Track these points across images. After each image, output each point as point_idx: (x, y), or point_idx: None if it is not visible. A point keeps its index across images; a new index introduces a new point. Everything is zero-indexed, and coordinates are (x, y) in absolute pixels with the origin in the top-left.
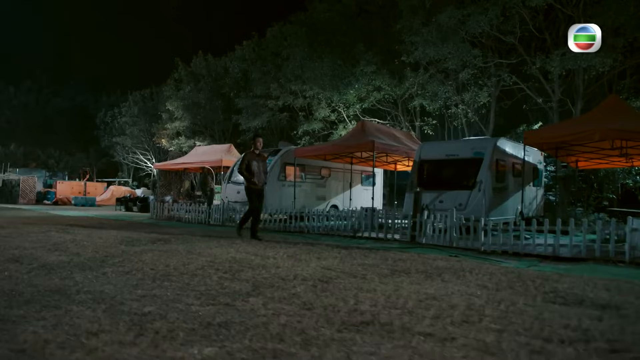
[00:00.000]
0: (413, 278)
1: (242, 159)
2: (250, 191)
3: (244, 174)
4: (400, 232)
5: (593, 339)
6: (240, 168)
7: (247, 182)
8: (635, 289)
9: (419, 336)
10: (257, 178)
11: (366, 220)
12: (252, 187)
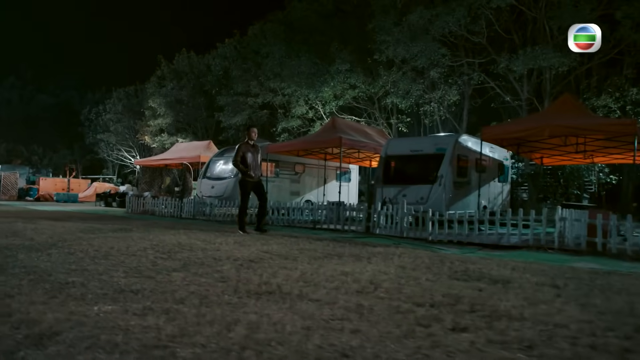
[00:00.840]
0: (341, 260)
1: (237, 150)
2: (244, 184)
3: (239, 166)
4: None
5: (459, 303)
6: (234, 160)
7: (242, 175)
8: (536, 268)
9: (307, 301)
10: (253, 170)
11: (331, 214)
12: (247, 180)
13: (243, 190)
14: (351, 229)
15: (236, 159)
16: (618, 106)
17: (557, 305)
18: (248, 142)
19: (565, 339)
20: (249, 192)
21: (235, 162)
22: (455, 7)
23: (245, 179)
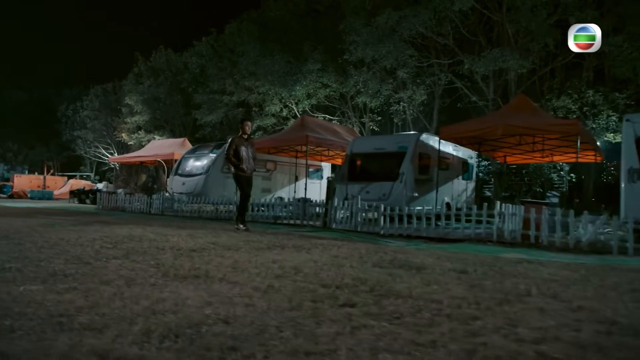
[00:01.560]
0: (282, 251)
1: (230, 144)
2: (239, 178)
3: (232, 160)
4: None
5: (363, 285)
6: (227, 154)
7: (236, 169)
8: (460, 257)
9: (225, 283)
10: (246, 165)
11: (296, 210)
12: (240, 175)
13: (240, 185)
14: (310, 223)
15: (229, 152)
16: (576, 107)
17: (449, 286)
18: (242, 135)
19: (431, 311)
20: (245, 184)
21: (227, 155)
22: (421, 10)
23: (238, 173)
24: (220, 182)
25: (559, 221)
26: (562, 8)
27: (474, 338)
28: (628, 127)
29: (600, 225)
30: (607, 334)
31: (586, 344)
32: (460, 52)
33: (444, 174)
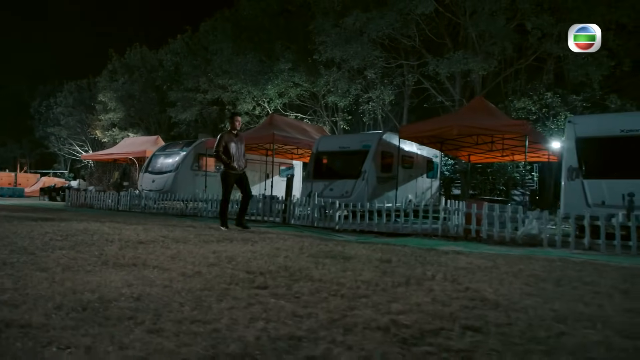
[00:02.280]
0: (228, 243)
1: (219, 140)
2: (226, 177)
3: (222, 157)
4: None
5: (286, 272)
6: (216, 150)
7: (225, 167)
8: (394, 250)
9: (156, 270)
10: (237, 162)
11: (265, 206)
12: (230, 173)
13: (225, 183)
14: (270, 219)
15: (218, 149)
16: (536, 108)
17: (363, 272)
18: (231, 131)
19: (329, 292)
20: (232, 184)
21: (216, 152)
22: (387, 12)
23: (227, 171)
24: (189, 179)
25: (509, 217)
26: (521, 13)
27: (349, 311)
28: (570, 129)
29: (546, 221)
30: (470, 308)
31: (443, 315)
32: (427, 54)
33: (408, 172)
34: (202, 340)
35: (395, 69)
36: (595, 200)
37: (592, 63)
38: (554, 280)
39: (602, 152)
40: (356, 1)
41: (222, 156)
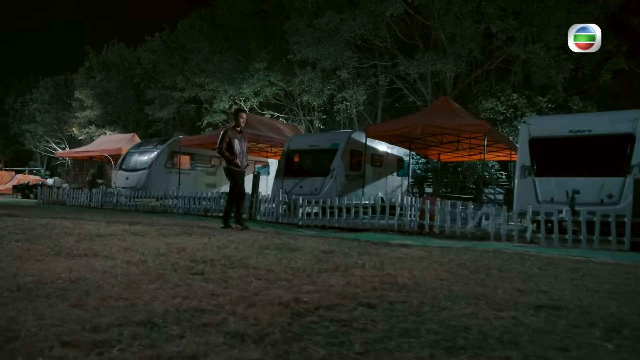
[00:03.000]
0: (186, 236)
1: (223, 136)
2: (232, 174)
3: (225, 154)
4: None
5: (227, 260)
6: (220, 146)
7: (228, 164)
8: (344, 243)
9: (104, 259)
10: (240, 159)
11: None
12: (233, 170)
13: (233, 179)
14: None
15: (221, 145)
16: (503, 109)
17: (299, 261)
18: (235, 127)
19: (257, 277)
20: (238, 180)
21: (220, 149)
22: (359, 14)
23: (230, 168)
24: (163, 177)
25: (459, 213)
26: (487, 17)
27: (263, 291)
28: (524, 129)
29: (495, 217)
30: (377, 289)
31: (347, 294)
32: (400, 55)
33: (378, 170)
34: (117, 312)
35: (369, 69)
36: (545, 197)
37: (553, 66)
38: (474, 268)
39: (552, 152)
40: (330, 2)
41: (226, 152)
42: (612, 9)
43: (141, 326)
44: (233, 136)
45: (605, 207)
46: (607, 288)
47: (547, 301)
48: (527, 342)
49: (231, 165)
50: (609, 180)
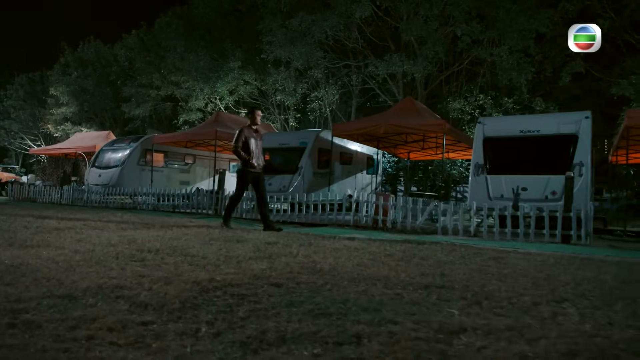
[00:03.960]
0: (145, 230)
1: (238, 135)
2: (244, 175)
3: (241, 154)
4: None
5: (170, 249)
6: (235, 146)
7: (243, 165)
8: (293, 236)
9: (55, 249)
10: (256, 159)
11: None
12: (249, 171)
13: (241, 182)
14: (204, 211)
15: (237, 144)
16: (471, 109)
17: (236, 250)
18: (251, 126)
19: (188, 262)
20: (248, 183)
21: (235, 148)
22: (330, 15)
23: (246, 169)
24: (136, 174)
25: (410, 208)
26: (452, 20)
27: (186, 273)
28: (479, 129)
29: (449, 212)
30: (294, 272)
31: (261, 276)
32: (372, 55)
33: (347, 168)
34: (44, 289)
35: (342, 69)
36: (496, 194)
37: (515, 68)
38: (400, 257)
39: (504, 151)
40: (302, 3)
41: (242, 152)
42: (570, 15)
43: (61, 299)
44: (249, 135)
45: (549, 203)
46: (505, 272)
47: (439, 282)
48: (387, 310)
49: (247, 166)
50: (553, 178)
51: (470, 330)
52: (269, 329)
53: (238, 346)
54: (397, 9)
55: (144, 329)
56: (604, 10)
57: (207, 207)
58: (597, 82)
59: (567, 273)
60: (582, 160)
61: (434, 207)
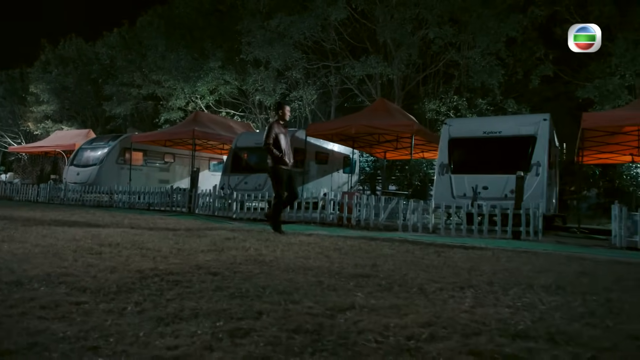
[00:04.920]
0: (114, 227)
1: (269, 131)
2: (278, 173)
3: (273, 151)
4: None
5: (128, 243)
6: (267, 143)
7: (276, 162)
8: (252, 232)
9: (14, 243)
10: (288, 156)
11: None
12: (282, 169)
13: (277, 179)
14: (177, 209)
15: (269, 141)
16: (445, 110)
17: (192, 244)
18: (280, 121)
19: (139, 254)
20: (284, 179)
21: (267, 145)
22: (307, 17)
23: (277, 166)
24: (114, 173)
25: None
26: (425, 24)
27: (135, 263)
28: (445, 130)
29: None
30: (235, 263)
31: (202, 265)
32: (350, 57)
33: (323, 167)
34: None
35: (321, 70)
36: (459, 193)
37: (486, 71)
38: (347, 250)
39: (468, 151)
40: (281, 5)
41: (274, 150)
42: (539, 20)
43: (7, 284)
44: (279, 131)
45: (507, 202)
46: (435, 264)
47: (367, 272)
48: (298, 293)
49: (279, 163)
50: (512, 177)
51: (358, 309)
52: (188, 307)
53: (155, 320)
54: (372, 12)
55: (75, 307)
56: (571, 16)
57: (182, 205)
58: (566, 85)
59: (493, 264)
60: (540, 160)
61: (395, 205)
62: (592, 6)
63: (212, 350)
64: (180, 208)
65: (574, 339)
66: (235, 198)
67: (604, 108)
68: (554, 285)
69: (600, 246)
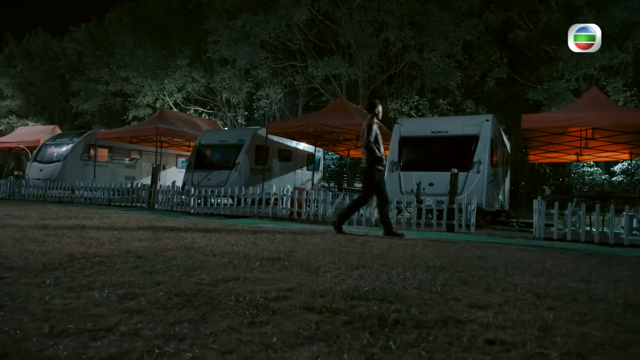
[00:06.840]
0: (66, 219)
1: (369, 130)
2: (375, 174)
3: (376, 152)
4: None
5: (75, 231)
6: (369, 141)
7: (375, 162)
8: (205, 225)
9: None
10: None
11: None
12: (378, 170)
13: (371, 181)
14: (138, 204)
15: (370, 139)
16: (407, 109)
17: (135, 233)
18: (376, 121)
19: (97, 243)
20: (379, 183)
21: (369, 144)
22: (271, 17)
23: (376, 168)
24: (78, 169)
25: (336, 203)
26: (386, 26)
27: (71, 248)
28: (396, 129)
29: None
30: (170, 249)
31: (135, 251)
32: (316, 56)
33: (286, 164)
34: None
35: (287, 69)
36: (407, 189)
37: (442, 73)
38: (279, 240)
39: (416, 149)
40: (246, 5)
41: (377, 151)
42: (493, 25)
43: None
44: (378, 131)
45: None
46: (347, 251)
47: (281, 257)
48: (201, 270)
49: (378, 163)
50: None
51: (241, 280)
52: (99, 280)
53: (65, 289)
54: (335, 14)
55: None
56: (523, 22)
57: (142, 201)
58: (520, 87)
59: (404, 251)
60: (481, 158)
61: (341, 201)
62: (542, 13)
63: (98, 305)
64: (141, 203)
65: (399, 300)
66: (194, 194)
67: (551, 109)
68: (439, 266)
69: (524, 237)
